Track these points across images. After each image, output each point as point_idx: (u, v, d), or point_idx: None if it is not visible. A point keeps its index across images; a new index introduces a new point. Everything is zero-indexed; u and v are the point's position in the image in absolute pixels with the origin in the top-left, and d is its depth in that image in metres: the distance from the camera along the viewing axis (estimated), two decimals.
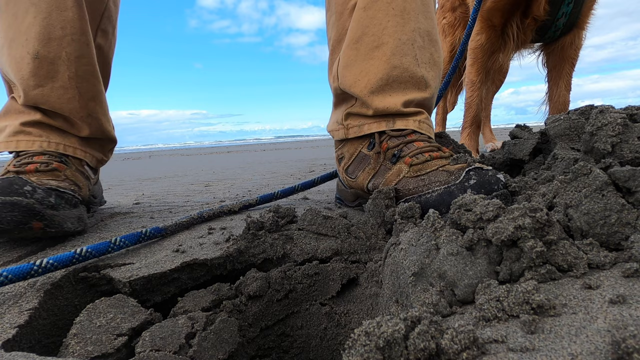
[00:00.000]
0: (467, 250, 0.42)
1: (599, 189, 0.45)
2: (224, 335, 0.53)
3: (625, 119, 0.59)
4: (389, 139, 0.84)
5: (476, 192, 0.62)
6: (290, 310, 0.67)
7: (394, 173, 0.78)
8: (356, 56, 0.88)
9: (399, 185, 0.74)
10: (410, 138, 0.82)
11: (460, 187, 0.64)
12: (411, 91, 0.87)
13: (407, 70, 0.85)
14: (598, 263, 0.41)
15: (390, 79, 0.85)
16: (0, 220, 0.69)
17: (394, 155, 0.80)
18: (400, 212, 0.61)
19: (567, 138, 0.80)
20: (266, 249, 0.71)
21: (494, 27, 1.72)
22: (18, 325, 0.53)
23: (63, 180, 0.89)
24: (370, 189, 0.84)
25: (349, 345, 0.31)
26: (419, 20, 0.87)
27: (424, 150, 0.78)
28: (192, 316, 0.54)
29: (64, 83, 0.96)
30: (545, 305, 0.34)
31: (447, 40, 2.50)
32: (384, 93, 0.86)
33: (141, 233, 0.75)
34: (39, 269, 0.60)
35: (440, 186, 0.67)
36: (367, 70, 0.87)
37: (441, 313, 0.39)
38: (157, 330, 0.51)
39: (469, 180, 0.64)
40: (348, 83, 0.89)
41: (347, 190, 0.98)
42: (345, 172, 0.95)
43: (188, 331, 0.51)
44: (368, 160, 0.87)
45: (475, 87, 1.87)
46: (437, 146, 0.79)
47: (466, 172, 0.66)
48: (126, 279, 0.63)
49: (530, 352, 0.30)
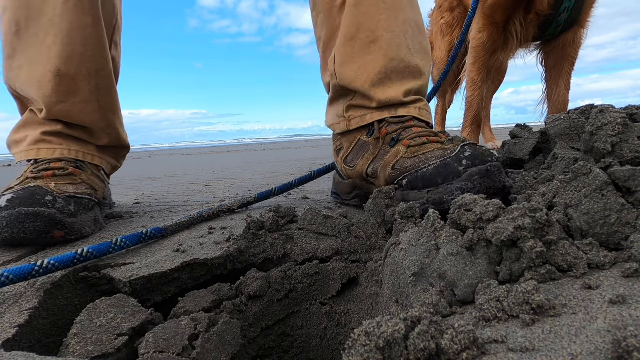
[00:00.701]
0: (467, 250, 0.43)
1: (599, 188, 0.45)
2: (226, 337, 0.53)
3: (625, 118, 0.59)
4: (387, 125, 0.86)
5: (471, 162, 0.64)
6: (290, 310, 0.67)
7: (392, 154, 0.80)
8: (353, 53, 0.90)
9: (397, 165, 0.76)
10: (409, 124, 0.85)
11: (456, 159, 0.66)
12: (409, 81, 0.90)
13: (403, 61, 0.89)
14: (598, 263, 0.41)
15: (388, 71, 0.88)
16: (24, 230, 0.71)
17: (393, 139, 0.82)
18: (400, 212, 0.61)
19: (567, 138, 0.80)
20: (266, 249, 0.71)
21: (496, 25, 1.70)
22: (18, 325, 0.53)
23: (79, 183, 0.91)
24: (369, 174, 0.86)
25: (349, 345, 0.31)
26: (407, 11, 0.91)
27: (422, 135, 0.80)
28: (195, 317, 0.54)
29: (85, 97, 0.99)
30: (545, 306, 0.34)
31: (445, 40, 2.50)
32: (384, 85, 0.89)
33: (142, 233, 0.76)
34: (40, 270, 0.60)
35: (437, 160, 0.69)
36: (365, 66, 0.89)
37: (441, 313, 0.39)
38: (160, 332, 0.51)
39: (464, 152, 0.66)
40: (348, 79, 0.91)
41: (344, 181, 1.00)
42: (344, 161, 0.97)
43: (191, 332, 0.51)
44: (367, 147, 0.89)
45: (477, 86, 1.86)
46: (435, 132, 0.81)
47: (461, 147, 0.68)
48: (126, 278, 0.63)
49: (530, 352, 0.30)
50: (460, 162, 0.65)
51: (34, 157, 0.96)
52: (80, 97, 0.98)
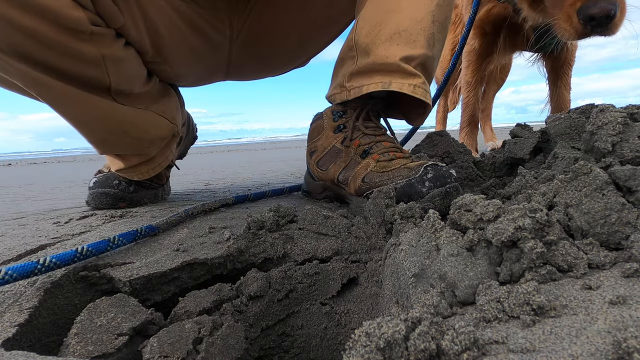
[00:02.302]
0: (467, 251, 0.42)
1: (599, 188, 0.45)
2: (230, 341, 0.53)
3: (625, 118, 0.59)
4: (362, 136, 0.93)
5: (433, 184, 0.74)
6: (290, 310, 0.67)
7: (362, 166, 0.87)
8: (376, 10, 0.93)
9: (367, 178, 0.84)
10: (379, 138, 0.92)
11: (419, 180, 0.75)
12: (417, 47, 0.90)
13: (420, 22, 0.90)
14: (598, 263, 0.41)
15: (401, 29, 0.90)
16: (101, 203, 1.16)
17: (365, 151, 0.90)
18: (400, 212, 0.61)
19: (567, 137, 0.80)
20: (266, 249, 0.71)
21: (486, 34, 1.82)
22: (18, 324, 0.53)
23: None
24: (340, 180, 0.93)
25: (349, 346, 0.31)
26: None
27: (390, 150, 0.88)
28: (199, 320, 0.53)
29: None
30: (545, 306, 0.34)
31: (448, 37, 2.51)
32: (392, 42, 0.90)
33: (137, 231, 0.77)
34: (42, 268, 0.60)
35: (403, 180, 0.77)
36: (384, 23, 0.91)
37: (442, 314, 0.39)
38: (164, 336, 0.51)
39: (427, 174, 0.75)
40: (363, 33, 0.94)
41: (315, 182, 1.06)
42: (316, 164, 1.02)
43: (195, 336, 0.51)
44: (340, 154, 0.95)
45: (471, 87, 1.95)
46: (400, 147, 0.91)
47: (424, 168, 0.76)
48: (126, 278, 0.63)
49: (530, 353, 0.30)
50: (424, 184, 0.74)
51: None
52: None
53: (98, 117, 0.98)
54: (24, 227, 1.01)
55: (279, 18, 1.17)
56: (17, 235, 0.91)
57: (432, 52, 0.93)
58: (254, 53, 1.24)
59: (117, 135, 1.05)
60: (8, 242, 0.84)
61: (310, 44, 1.31)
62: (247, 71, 1.35)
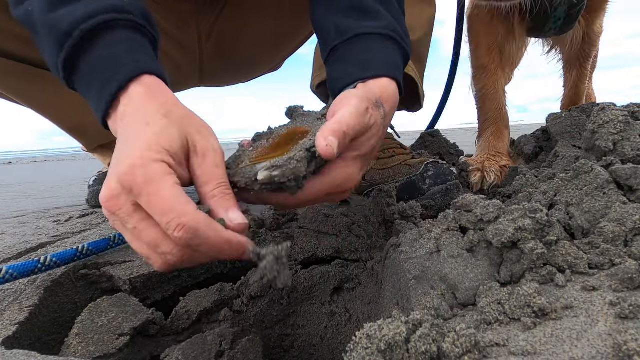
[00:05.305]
0: (467, 252, 0.42)
1: (601, 187, 0.45)
2: (250, 356, 0.53)
3: (626, 116, 0.59)
4: None
5: (433, 182, 0.73)
6: (291, 310, 0.67)
7: None
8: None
9: (367, 176, 0.83)
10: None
11: (420, 178, 0.74)
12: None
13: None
14: (598, 263, 0.40)
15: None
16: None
17: None
18: (400, 211, 0.61)
19: (568, 135, 0.79)
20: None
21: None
22: (18, 323, 0.53)
23: None
24: None
25: (350, 347, 0.31)
26: None
27: (390, 147, 0.86)
28: (220, 333, 0.54)
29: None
30: (546, 309, 0.34)
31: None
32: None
33: None
34: (43, 267, 0.60)
35: (403, 177, 0.76)
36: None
37: (442, 316, 0.39)
38: (188, 348, 0.51)
39: (427, 172, 0.74)
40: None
41: None
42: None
43: (217, 349, 0.52)
44: None
45: (490, 72, 1.21)
46: (400, 144, 0.88)
47: (425, 165, 0.75)
48: (126, 276, 0.63)
49: (531, 355, 0.30)
50: (424, 181, 0.73)
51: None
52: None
53: (64, 96, 0.95)
54: (24, 225, 1.01)
55: (250, 21, 1.12)
56: (18, 234, 0.91)
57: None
58: (226, 56, 1.18)
59: (85, 117, 1.00)
60: (8, 241, 0.84)
61: (283, 46, 1.26)
62: (221, 75, 1.30)
